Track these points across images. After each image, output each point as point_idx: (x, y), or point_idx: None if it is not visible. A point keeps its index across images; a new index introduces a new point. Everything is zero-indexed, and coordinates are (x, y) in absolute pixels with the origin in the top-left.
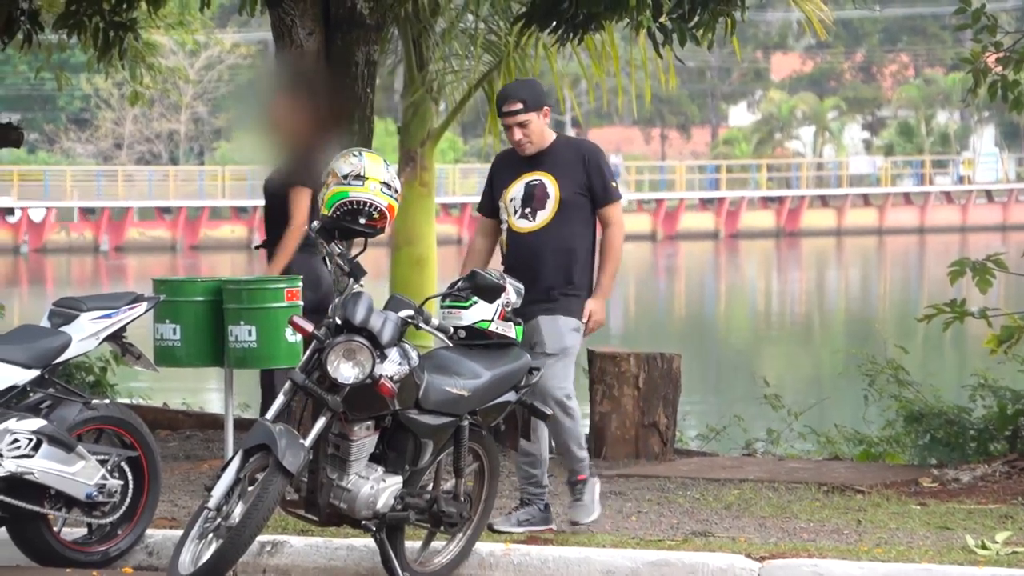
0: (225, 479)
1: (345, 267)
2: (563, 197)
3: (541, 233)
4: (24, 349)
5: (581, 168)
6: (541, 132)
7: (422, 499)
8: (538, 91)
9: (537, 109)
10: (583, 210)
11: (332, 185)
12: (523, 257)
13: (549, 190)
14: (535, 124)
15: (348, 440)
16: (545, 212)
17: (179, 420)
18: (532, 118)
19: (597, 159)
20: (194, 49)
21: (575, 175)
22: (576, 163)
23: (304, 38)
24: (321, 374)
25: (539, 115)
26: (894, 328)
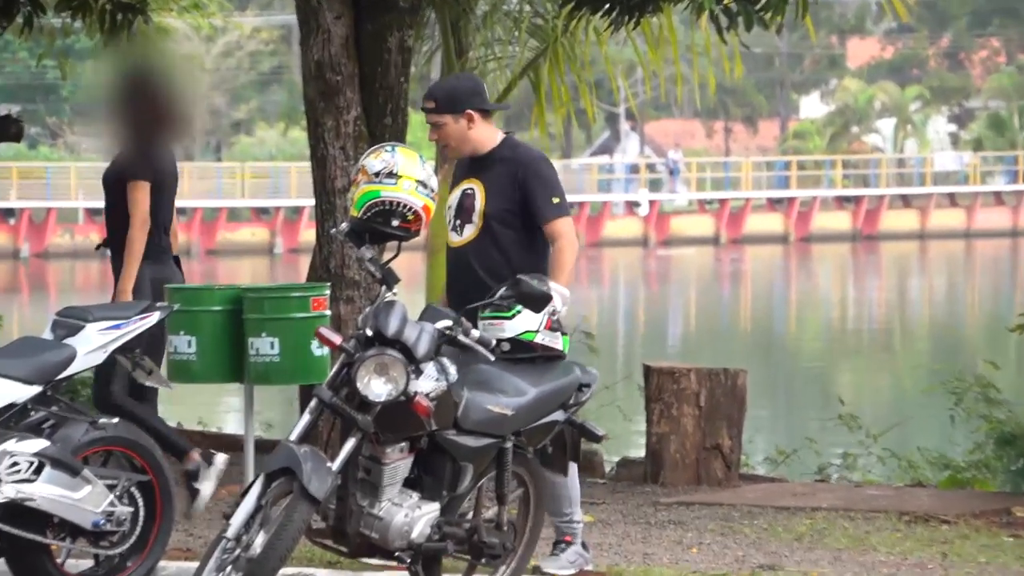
0: (245, 506)
1: (376, 273)
2: (487, 211)
3: (467, 250)
4: (24, 363)
5: (513, 181)
6: (461, 136)
7: (461, 528)
8: (458, 92)
9: (452, 112)
10: (515, 229)
11: (362, 183)
12: (451, 275)
13: (476, 202)
14: (450, 128)
15: (380, 463)
16: (471, 227)
17: (195, 441)
18: (446, 120)
19: (535, 170)
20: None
21: (506, 189)
22: (509, 175)
23: (331, 22)
24: (350, 391)
25: (456, 118)
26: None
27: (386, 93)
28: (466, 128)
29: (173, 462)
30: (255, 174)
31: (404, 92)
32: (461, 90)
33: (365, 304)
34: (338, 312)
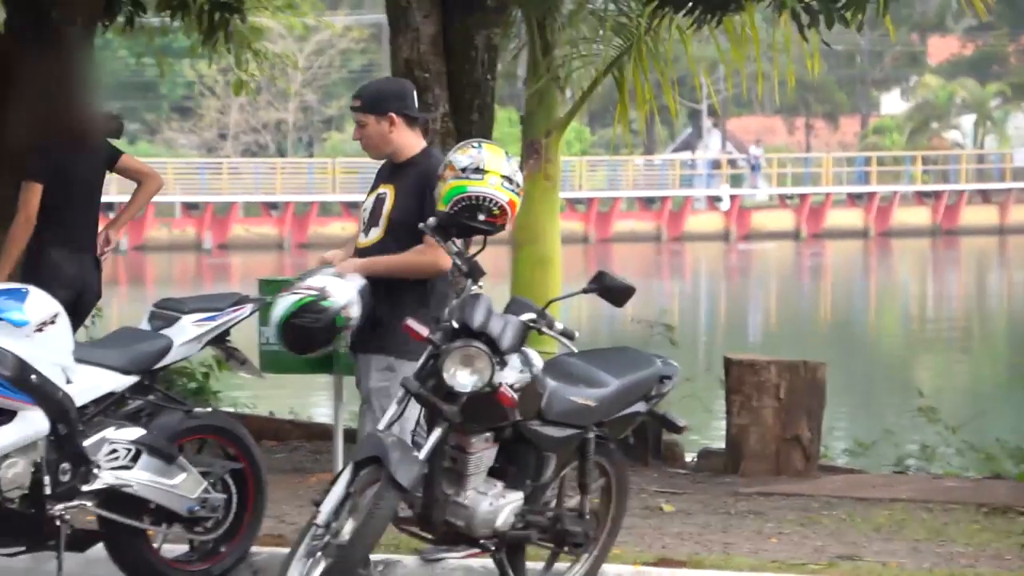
0: (334, 494)
1: (463, 267)
2: (392, 216)
3: (370, 252)
4: (122, 353)
5: (420, 190)
6: (381, 138)
7: (545, 517)
8: (384, 94)
9: (376, 112)
10: (416, 236)
11: (449, 179)
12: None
13: (385, 207)
14: (372, 128)
15: (465, 453)
16: (376, 230)
17: (286, 430)
18: (368, 120)
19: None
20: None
21: (413, 196)
22: (418, 184)
23: (420, 21)
24: (437, 382)
25: (379, 120)
26: None
27: (473, 90)
28: (386, 131)
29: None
30: (345, 169)
31: (490, 89)
32: (387, 92)
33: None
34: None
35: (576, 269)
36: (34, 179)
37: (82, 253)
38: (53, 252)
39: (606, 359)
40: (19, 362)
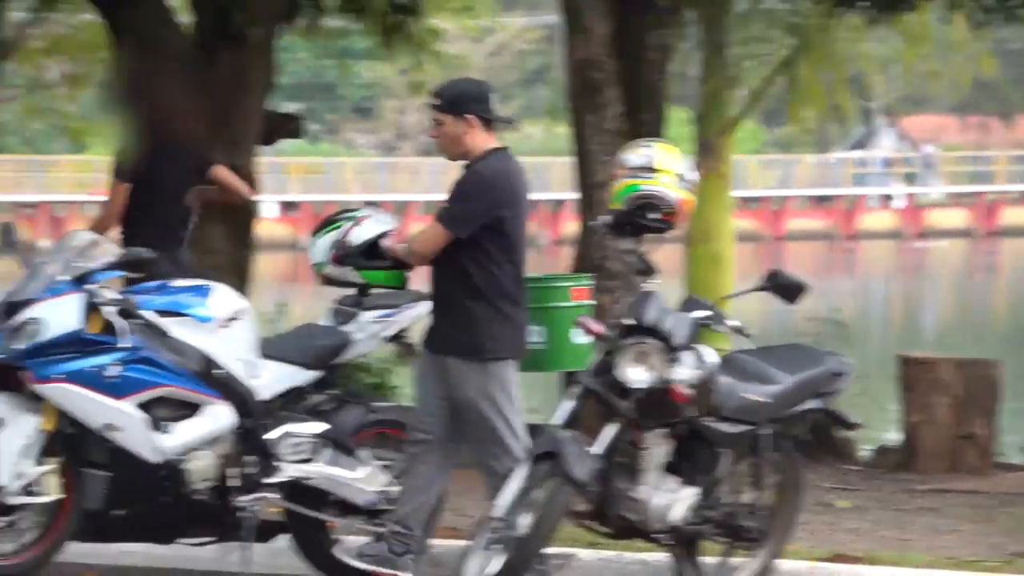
0: (511, 488)
1: (636, 264)
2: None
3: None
4: (304, 349)
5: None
6: (456, 139)
7: (719, 512)
8: (465, 95)
9: (452, 112)
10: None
11: (622, 177)
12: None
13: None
14: (449, 128)
15: (640, 448)
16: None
17: None
18: (446, 120)
19: (462, 180)
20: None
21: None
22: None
23: (595, 22)
24: (611, 378)
25: (456, 120)
26: None
27: (646, 90)
28: (462, 132)
29: None
30: None
31: (663, 89)
32: (467, 93)
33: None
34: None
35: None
36: (122, 180)
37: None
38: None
39: (779, 356)
40: (205, 357)
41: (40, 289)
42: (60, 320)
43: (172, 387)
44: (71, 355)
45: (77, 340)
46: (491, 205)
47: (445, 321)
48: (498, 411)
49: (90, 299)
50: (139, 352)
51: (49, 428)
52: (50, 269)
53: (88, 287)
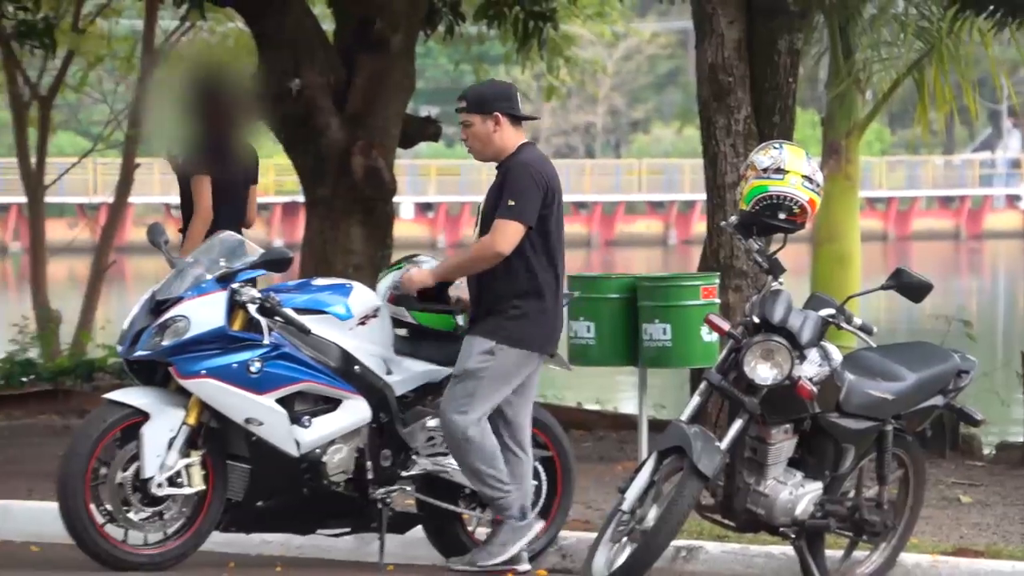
0: (639, 481)
1: (763, 264)
2: (484, 212)
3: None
4: (440, 346)
5: (500, 187)
6: (485, 139)
7: (843, 506)
8: (489, 94)
9: (480, 112)
10: None
11: (751, 179)
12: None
13: (483, 203)
14: (477, 128)
15: (766, 443)
16: (478, 228)
17: (592, 420)
18: (474, 120)
19: (510, 175)
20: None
21: (495, 193)
22: (502, 176)
23: (725, 27)
24: (738, 374)
25: (484, 119)
26: None
27: (775, 93)
28: (491, 131)
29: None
30: (651, 170)
31: (792, 92)
32: (491, 93)
33: (752, 293)
34: (727, 300)
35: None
36: (205, 172)
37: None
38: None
39: (904, 354)
40: (343, 353)
41: (186, 288)
42: (205, 318)
43: (311, 383)
44: (215, 351)
45: (221, 337)
46: (541, 195)
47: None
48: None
49: (234, 297)
50: (280, 349)
51: (193, 422)
52: (196, 269)
53: (232, 286)
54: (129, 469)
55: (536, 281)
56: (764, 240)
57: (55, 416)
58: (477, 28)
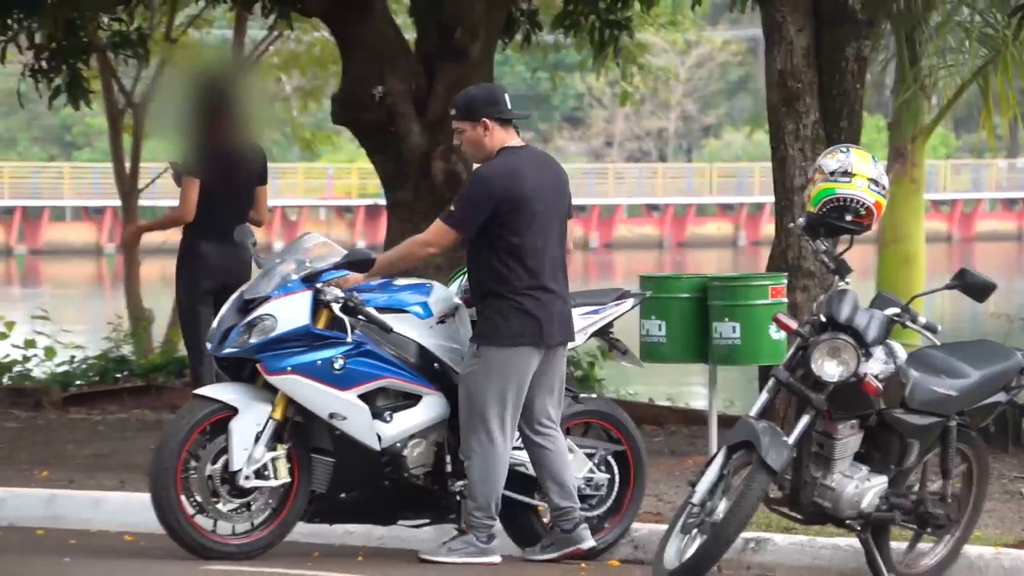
0: (709, 475)
1: (830, 264)
2: None
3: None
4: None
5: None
6: (477, 143)
7: (908, 500)
8: (476, 101)
9: (469, 119)
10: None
11: (818, 182)
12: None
13: None
14: (468, 134)
15: (832, 438)
16: None
17: (664, 416)
18: (464, 127)
19: (468, 181)
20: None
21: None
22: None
23: (794, 34)
24: (805, 372)
25: (473, 126)
26: None
27: (842, 99)
28: (482, 135)
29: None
30: (722, 174)
31: (859, 98)
32: (478, 99)
33: (819, 292)
34: (794, 300)
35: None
36: (193, 175)
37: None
38: (203, 244)
39: (967, 351)
40: (423, 351)
41: (273, 287)
42: (291, 316)
43: (392, 379)
44: (300, 349)
45: (306, 335)
46: (490, 205)
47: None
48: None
49: (318, 297)
50: (363, 346)
51: (279, 417)
52: (283, 269)
53: (317, 286)
54: (218, 462)
55: (507, 281)
56: (831, 241)
57: (147, 411)
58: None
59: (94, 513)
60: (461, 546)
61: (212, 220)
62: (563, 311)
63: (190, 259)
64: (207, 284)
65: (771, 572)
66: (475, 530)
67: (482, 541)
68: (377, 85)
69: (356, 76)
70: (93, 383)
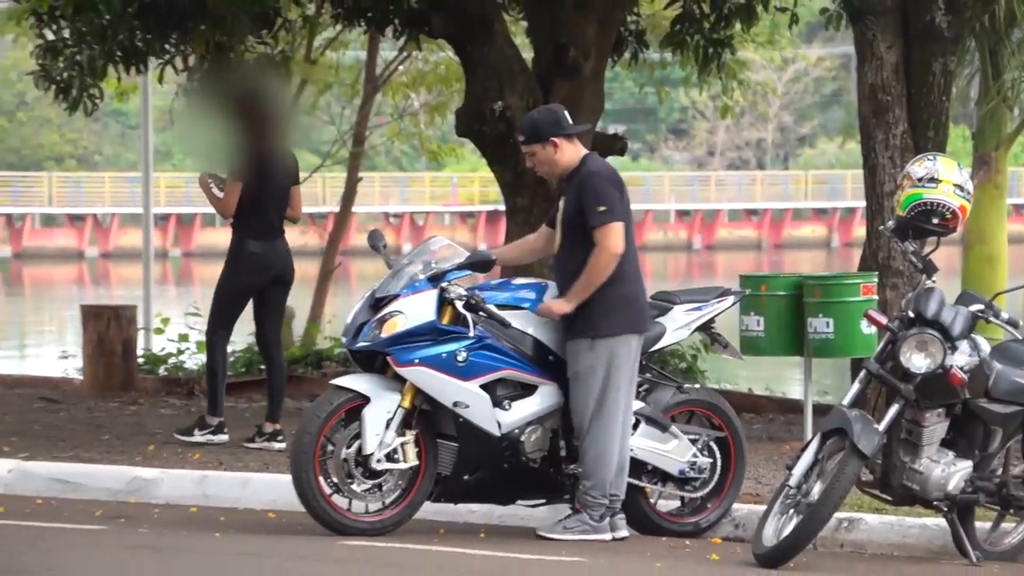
0: (805, 459)
1: (918, 264)
2: (564, 221)
3: (559, 257)
4: None
5: (579, 193)
6: (550, 161)
7: (991, 483)
8: (541, 125)
9: (538, 141)
10: (585, 238)
11: (907, 187)
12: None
13: (561, 214)
14: (540, 155)
15: (920, 426)
16: (558, 236)
17: (762, 404)
18: (535, 149)
19: (589, 182)
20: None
21: (574, 200)
22: (576, 188)
23: (884, 51)
24: (894, 364)
25: (543, 146)
26: None
27: (929, 110)
28: (553, 154)
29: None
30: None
31: (945, 110)
32: (542, 122)
33: (908, 290)
34: (884, 297)
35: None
36: (236, 179)
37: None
38: (251, 242)
39: None
40: (539, 345)
41: (402, 286)
42: (418, 313)
43: (511, 370)
44: (427, 343)
45: (432, 330)
46: (620, 189)
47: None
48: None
49: (443, 295)
50: (484, 340)
51: (408, 405)
52: (411, 269)
53: (441, 284)
54: (352, 446)
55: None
56: (919, 242)
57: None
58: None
59: (241, 492)
60: (575, 524)
61: (256, 218)
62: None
63: (241, 257)
64: (254, 280)
65: (863, 550)
66: (589, 509)
67: (595, 519)
68: (497, 100)
69: (478, 92)
70: (240, 374)
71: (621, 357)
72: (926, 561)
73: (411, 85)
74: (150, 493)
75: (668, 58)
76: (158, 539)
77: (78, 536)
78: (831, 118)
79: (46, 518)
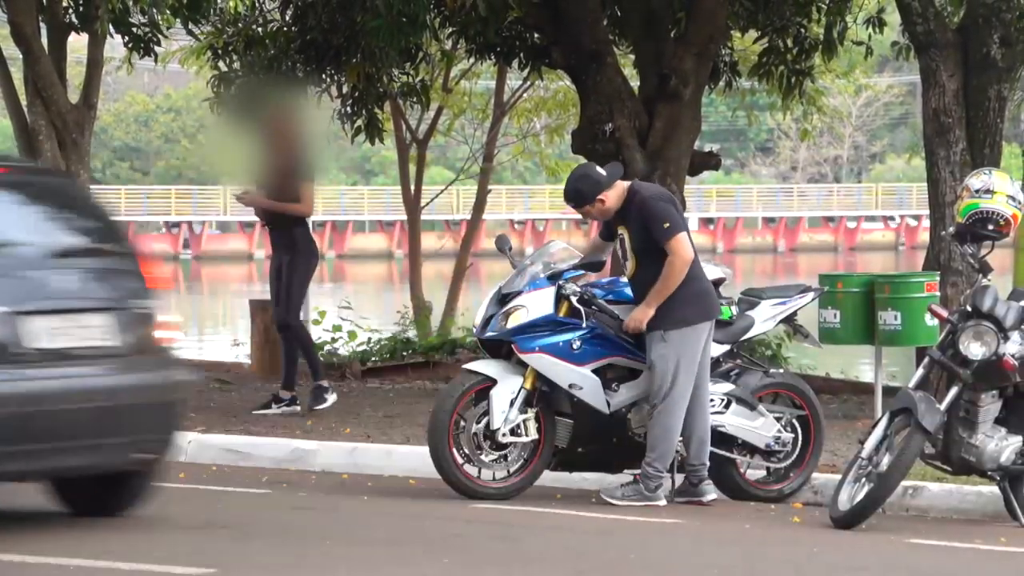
0: (875, 435)
1: (975, 265)
2: (635, 248)
3: (636, 280)
4: (720, 329)
5: (640, 222)
6: (603, 211)
7: None
8: (584, 192)
9: (587, 203)
10: (659, 253)
11: (966, 198)
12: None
13: (627, 244)
14: (595, 212)
15: (976, 406)
16: (629, 264)
17: (838, 387)
18: (588, 210)
19: (647, 207)
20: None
21: (639, 228)
22: (637, 219)
23: (946, 79)
24: (954, 351)
25: (593, 205)
26: None
27: (986, 131)
28: (603, 207)
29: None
30: (885, 192)
31: (999, 130)
32: (585, 190)
33: (966, 288)
34: (945, 293)
35: None
36: (310, 179)
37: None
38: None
39: None
40: (641, 335)
41: (525, 284)
42: (539, 307)
43: (619, 357)
44: (546, 333)
45: (551, 322)
46: (674, 203)
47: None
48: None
49: (560, 291)
50: (595, 331)
51: (529, 386)
52: (532, 269)
53: (559, 282)
54: (481, 422)
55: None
56: (976, 246)
57: (427, 382)
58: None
59: (387, 462)
60: (632, 492)
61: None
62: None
63: (312, 246)
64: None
65: (926, 513)
66: (647, 479)
67: (650, 490)
68: (607, 123)
69: (591, 116)
70: (385, 359)
71: (689, 345)
72: (982, 523)
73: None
74: (308, 462)
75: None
76: (315, 501)
77: (247, 498)
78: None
79: (220, 483)
